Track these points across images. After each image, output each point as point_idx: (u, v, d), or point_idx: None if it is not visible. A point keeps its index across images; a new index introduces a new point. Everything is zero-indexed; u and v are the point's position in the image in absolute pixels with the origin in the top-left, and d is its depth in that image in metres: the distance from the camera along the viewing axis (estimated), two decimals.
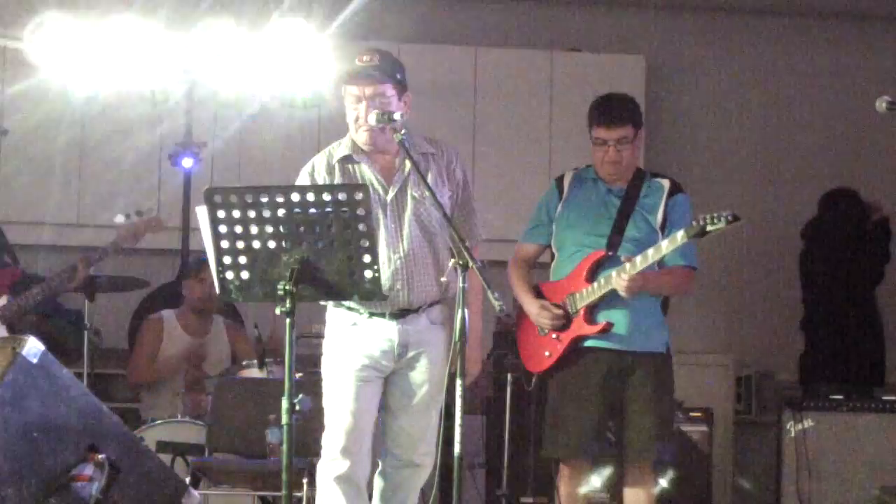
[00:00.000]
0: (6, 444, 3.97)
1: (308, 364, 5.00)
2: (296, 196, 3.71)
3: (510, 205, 6.86)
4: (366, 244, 3.73)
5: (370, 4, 7.39)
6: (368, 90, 4.19)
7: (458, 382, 3.82)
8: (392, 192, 4.25)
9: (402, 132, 4.11)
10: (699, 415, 6.32)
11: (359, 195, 3.71)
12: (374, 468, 4.32)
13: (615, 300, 4.60)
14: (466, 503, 5.95)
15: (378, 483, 4.34)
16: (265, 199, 3.69)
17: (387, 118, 4.12)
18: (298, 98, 7.24)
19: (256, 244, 3.72)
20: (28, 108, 7.24)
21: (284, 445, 3.65)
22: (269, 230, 3.71)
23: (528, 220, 4.93)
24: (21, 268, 5.41)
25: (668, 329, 4.79)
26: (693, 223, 4.40)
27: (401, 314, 4.22)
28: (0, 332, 5.09)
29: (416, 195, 4.24)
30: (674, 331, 4.87)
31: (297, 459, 3.97)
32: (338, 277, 3.76)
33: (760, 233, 8.06)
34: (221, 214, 3.71)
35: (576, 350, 4.69)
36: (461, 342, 3.82)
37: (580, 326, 4.67)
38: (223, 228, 3.72)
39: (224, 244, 3.74)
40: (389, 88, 4.21)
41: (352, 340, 4.23)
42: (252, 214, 3.70)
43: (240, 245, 3.73)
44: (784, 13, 8.55)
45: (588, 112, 4.80)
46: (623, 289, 4.52)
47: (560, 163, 6.83)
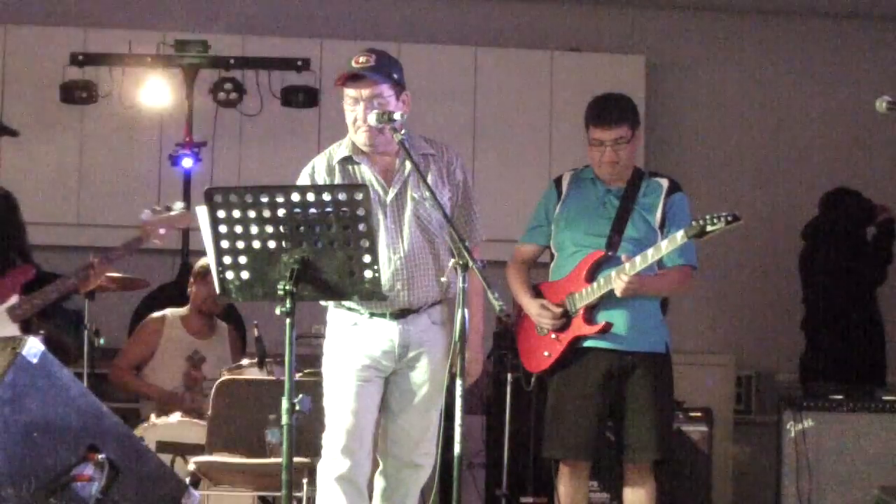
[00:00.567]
0: (6, 444, 3.96)
1: (308, 364, 5.00)
2: (296, 196, 3.70)
3: (510, 205, 6.84)
4: (366, 244, 3.72)
5: (370, 4, 7.40)
6: (366, 91, 4.17)
7: (459, 382, 3.82)
8: (392, 193, 4.24)
9: (403, 132, 4.09)
10: (699, 415, 6.31)
11: (359, 195, 3.70)
12: (375, 468, 4.32)
13: (615, 300, 4.60)
14: (466, 503, 5.94)
15: (378, 483, 4.34)
16: (265, 199, 3.69)
17: (387, 118, 4.10)
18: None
19: (256, 244, 3.72)
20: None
21: (284, 445, 3.64)
22: (269, 230, 3.70)
23: (528, 221, 4.93)
24: (36, 267, 5.36)
25: (668, 329, 4.79)
26: (693, 223, 4.40)
27: (401, 314, 4.22)
28: (12, 331, 5.06)
29: (416, 196, 4.23)
30: (674, 331, 4.87)
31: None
32: (338, 277, 3.75)
33: (760, 233, 8.06)
34: (221, 214, 3.71)
35: (575, 350, 4.69)
36: (461, 342, 3.82)
37: (579, 326, 4.67)
38: (223, 228, 3.72)
39: (224, 244, 3.73)
40: (387, 88, 4.19)
41: (353, 340, 4.23)
42: (252, 214, 3.69)
43: (240, 245, 3.72)
44: (784, 13, 8.55)
45: (584, 113, 4.78)
46: (619, 290, 4.53)
47: (560, 163, 6.83)
